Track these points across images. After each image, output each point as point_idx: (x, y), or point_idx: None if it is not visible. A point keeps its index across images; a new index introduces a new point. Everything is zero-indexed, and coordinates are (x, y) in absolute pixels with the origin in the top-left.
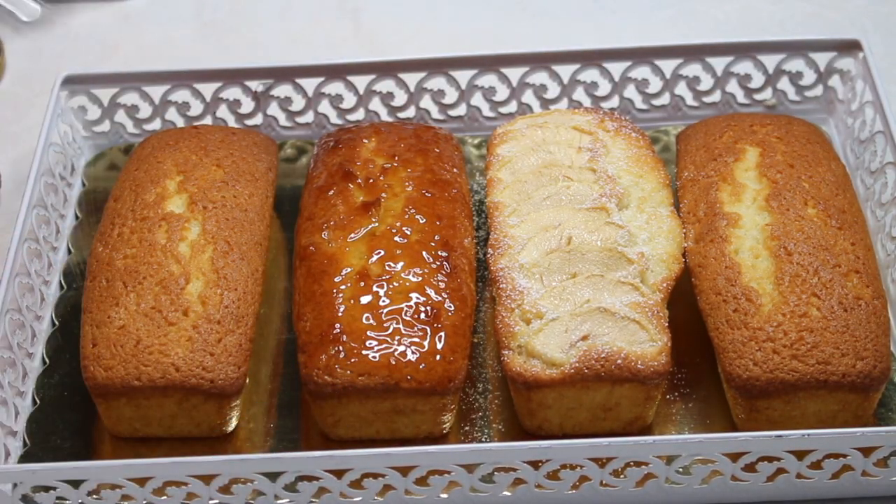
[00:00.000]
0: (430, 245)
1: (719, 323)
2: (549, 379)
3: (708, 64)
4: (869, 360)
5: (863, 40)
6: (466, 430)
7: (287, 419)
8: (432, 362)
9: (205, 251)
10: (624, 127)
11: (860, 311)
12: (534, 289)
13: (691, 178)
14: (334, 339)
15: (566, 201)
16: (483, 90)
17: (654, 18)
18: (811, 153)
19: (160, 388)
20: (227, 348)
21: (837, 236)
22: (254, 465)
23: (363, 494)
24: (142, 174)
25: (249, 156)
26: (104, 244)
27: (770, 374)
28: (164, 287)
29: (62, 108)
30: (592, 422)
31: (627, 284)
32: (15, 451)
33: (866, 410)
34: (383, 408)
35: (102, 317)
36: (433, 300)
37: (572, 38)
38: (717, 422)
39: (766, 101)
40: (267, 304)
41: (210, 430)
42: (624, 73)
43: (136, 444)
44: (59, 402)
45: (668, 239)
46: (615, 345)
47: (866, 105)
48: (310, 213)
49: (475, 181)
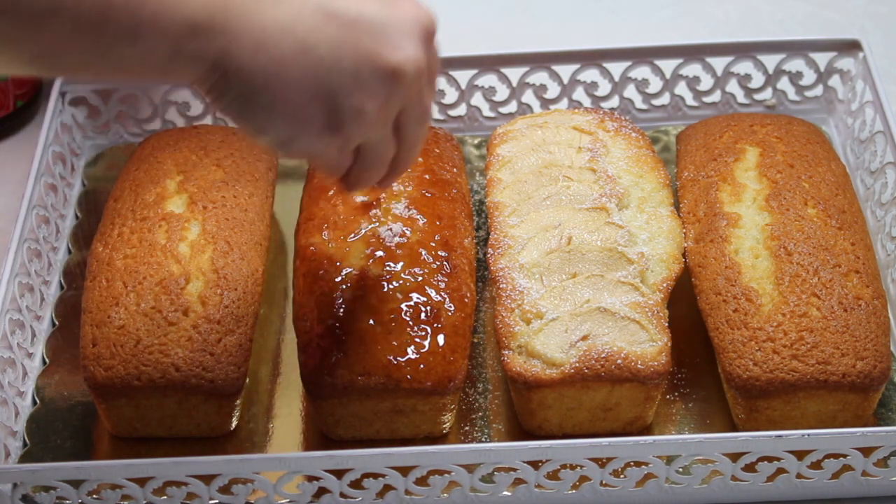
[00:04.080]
0: (430, 245)
1: (719, 323)
2: (549, 379)
3: (708, 64)
4: (869, 360)
5: (863, 40)
6: (466, 430)
7: (287, 419)
8: (432, 362)
9: (205, 251)
10: (624, 127)
11: (860, 311)
12: (534, 289)
13: (691, 178)
14: (334, 339)
15: (566, 201)
16: (483, 90)
17: (654, 18)
18: (811, 153)
19: (160, 388)
20: (227, 348)
21: (837, 236)
22: (254, 465)
23: (363, 494)
24: (142, 174)
25: (249, 156)
26: (104, 244)
27: (770, 374)
28: (164, 287)
29: (62, 107)
30: (592, 422)
31: (627, 284)
32: (15, 451)
33: (866, 410)
34: (383, 408)
35: (102, 317)
36: (433, 300)
37: (572, 38)
38: (717, 422)
39: (766, 101)
40: (267, 304)
41: (210, 430)
42: (624, 73)
43: (136, 444)
44: (59, 402)
45: (668, 239)
46: (615, 345)
47: (866, 105)
48: (310, 213)
49: (475, 181)
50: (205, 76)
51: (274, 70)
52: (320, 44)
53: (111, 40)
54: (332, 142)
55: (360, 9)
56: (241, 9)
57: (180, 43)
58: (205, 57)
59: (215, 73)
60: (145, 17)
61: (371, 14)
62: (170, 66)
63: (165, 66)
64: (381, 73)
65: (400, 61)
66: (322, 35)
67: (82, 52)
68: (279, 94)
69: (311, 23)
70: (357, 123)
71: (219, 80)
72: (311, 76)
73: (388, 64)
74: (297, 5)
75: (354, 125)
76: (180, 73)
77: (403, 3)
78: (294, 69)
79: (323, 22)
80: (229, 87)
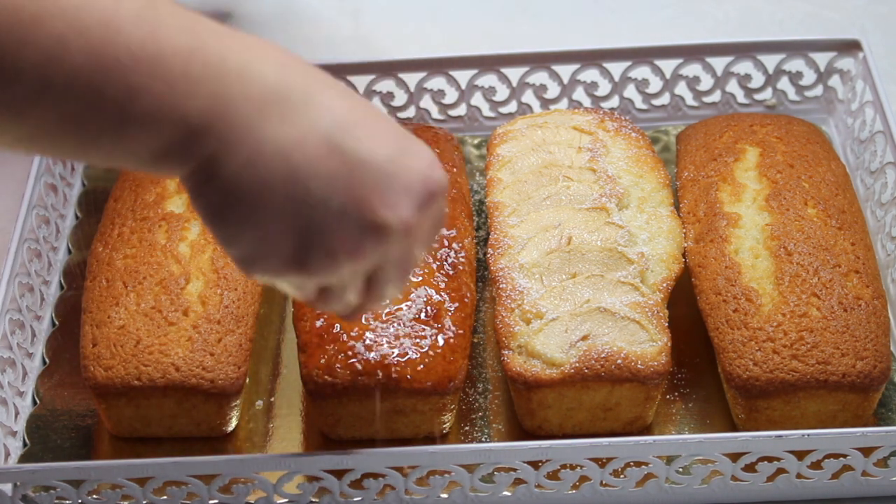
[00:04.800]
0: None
1: (719, 323)
2: (549, 379)
3: (708, 64)
4: (869, 360)
5: (863, 40)
6: (466, 430)
7: (287, 419)
8: (432, 362)
9: (205, 251)
10: (624, 127)
11: (860, 311)
12: (534, 289)
13: (691, 178)
14: (334, 339)
15: (566, 201)
16: (483, 90)
17: (654, 18)
18: (811, 153)
19: (160, 388)
20: (227, 348)
21: (837, 236)
22: (254, 465)
23: (363, 494)
24: (142, 174)
25: None
26: (104, 244)
27: (770, 374)
28: (164, 287)
29: None
30: (592, 422)
31: (627, 284)
32: (15, 451)
33: (866, 410)
34: (383, 408)
35: (102, 317)
36: (433, 300)
37: (572, 38)
38: (717, 422)
39: (766, 101)
40: (267, 304)
41: (210, 430)
42: (624, 73)
43: (136, 444)
44: (59, 402)
45: (668, 239)
46: (615, 345)
47: (866, 105)
48: None
49: (475, 181)
50: (189, 175)
51: (257, 190)
52: (313, 177)
53: (97, 132)
54: (296, 274)
55: (369, 153)
56: (243, 121)
57: (171, 142)
58: (193, 158)
59: (200, 174)
60: (136, 112)
61: (377, 161)
62: (157, 161)
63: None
64: (364, 225)
65: (388, 219)
66: (319, 169)
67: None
68: (255, 214)
69: (312, 153)
70: (325, 266)
71: (201, 182)
72: (293, 206)
73: (376, 218)
74: (304, 130)
75: (321, 266)
76: (166, 168)
77: (418, 158)
78: (278, 195)
79: (325, 155)
80: (209, 192)
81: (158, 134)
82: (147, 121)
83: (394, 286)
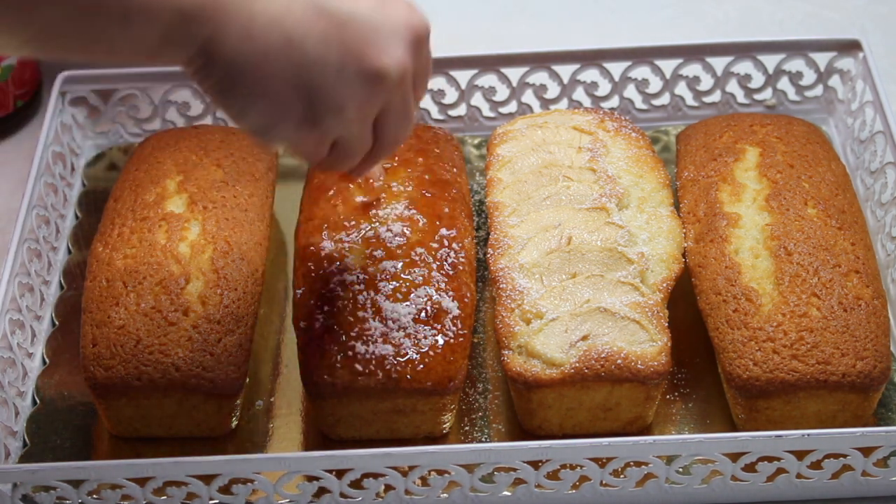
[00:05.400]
0: (430, 245)
1: (719, 323)
2: (549, 379)
3: (708, 64)
4: (869, 360)
5: (863, 40)
6: (466, 430)
7: (287, 419)
8: (432, 362)
9: (205, 251)
10: (624, 127)
11: (860, 311)
12: (534, 289)
13: (691, 178)
14: (334, 339)
15: (566, 201)
16: (483, 90)
17: (654, 18)
18: (811, 153)
19: (160, 388)
20: (227, 348)
21: (837, 236)
22: (254, 465)
23: (363, 494)
24: (142, 174)
25: (249, 156)
26: (104, 244)
27: (770, 374)
28: (164, 287)
29: (62, 107)
30: (592, 422)
31: (627, 284)
32: (15, 451)
33: (866, 410)
34: (383, 408)
35: (102, 317)
36: (433, 300)
37: (572, 38)
38: (717, 422)
39: (766, 101)
40: (267, 304)
41: (210, 430)
42: (624, 73)
43: (136, 444)
44: (59, 402)
45: (668, 239)
46: (615, 345)
47: (866, 105)
48: (310, 214)
49: (475, 181)
50: (191, 59)
51: (258, 60)
52: (307, 39)
53: (102, 25)
54: (310, 134)
55: (352, 8)
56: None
57: (170, 29)
58: (192, 42)
59: (201, 57)
60: (135, 4)
61: (363, 14)
62: (159, 50)
63: (155, 51)
64: (364, 74)
65: (385, 64)
66: (311, 30)
67: (74, 36)
68: (261, 83)
69: (301, 17)
70: (335, 120)
71: (204, 65)
72: (294, 69)
73: (373, 66)
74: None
75: (333, 121)
76: (169, 56)
77: (397, 5)
78: (279, 61)
79: (313, 18)
80: (213, 72)
81: (158, 22)
82: (145, 11)
83: (398, 129)
